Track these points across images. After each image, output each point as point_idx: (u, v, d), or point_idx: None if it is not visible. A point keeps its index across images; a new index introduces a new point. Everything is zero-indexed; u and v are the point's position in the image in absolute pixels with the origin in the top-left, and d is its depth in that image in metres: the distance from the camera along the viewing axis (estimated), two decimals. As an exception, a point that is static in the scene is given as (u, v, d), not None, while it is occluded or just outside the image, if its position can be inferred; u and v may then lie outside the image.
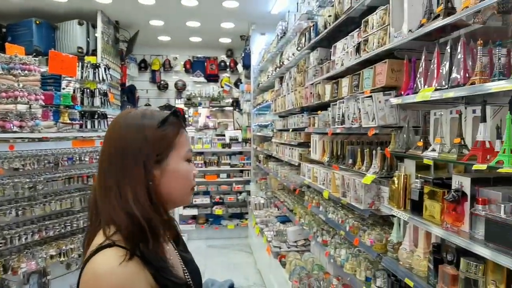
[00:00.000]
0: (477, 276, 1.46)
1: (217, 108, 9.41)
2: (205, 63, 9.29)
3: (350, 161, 2.71)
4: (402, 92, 2.09)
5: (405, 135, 2.04)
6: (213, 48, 9.12)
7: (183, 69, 9.17)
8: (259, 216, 5.29)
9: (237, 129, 8.53)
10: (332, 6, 3.02)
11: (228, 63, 9.39)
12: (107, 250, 0.88)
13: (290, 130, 4.35)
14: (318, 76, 3.43)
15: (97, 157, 4.24)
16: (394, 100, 2.03)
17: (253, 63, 7.29)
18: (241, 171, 7.31)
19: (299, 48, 4.03)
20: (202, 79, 9.29)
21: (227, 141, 7.29)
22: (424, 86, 1.89)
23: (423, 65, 1.93)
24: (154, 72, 8.93)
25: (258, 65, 7.11)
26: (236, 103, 9.15)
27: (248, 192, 7.18)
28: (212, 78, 9.33)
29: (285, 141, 4.63)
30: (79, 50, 5.74)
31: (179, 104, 9.05)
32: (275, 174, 5.20)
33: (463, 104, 1.83)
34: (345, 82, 2.76)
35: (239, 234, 6.96)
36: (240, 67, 7.82)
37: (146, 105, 8.71)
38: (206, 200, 7.12)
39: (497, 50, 1.42)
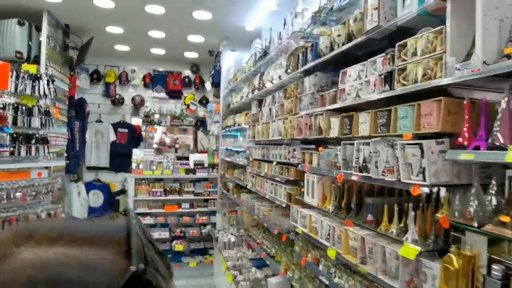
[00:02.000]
0: None
1: (178, 127, 8.64)
2: (167, 78, 8.52)
3: (370, 217, 2.14)
4: (465, 143, 1.57)
5: (474, 201, 1.50)
6: (177, 62, 8.39)
7: (142, 83, 8.33)
8: (230, 258, 4.58)
9: (202, 152, 7.80)
10: (344, 24, 2.50)
11: (193, 80, 8.69)
12: None
13: (274, 163, 3.74)
14: (317, 105, 2.88)
15: (34, 192, 3.35)
16: (464, 155, 1.49)
17: (223, 81, 6.66)
18: (206, 200, 6.56)
19: (288, 71, 3.48)
20: (163, 95, 8.49)
21: (191, 166, 6.53)
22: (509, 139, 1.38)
23: (505, 111, 1.42)
24: (109, 84, 7.99)
25: (228, 83, 6.50)
26: (200, 123, 8.44)
27: (214, 225, 6.43)
28: (174, 94, 8.57)
29: (266, 174, 4.01)
30: (18, 55, 4.77)
31: (136, 121, 8.15)
32: (250, 210, 4.54)
33: None
34: (364, 117, 2.21)
35: (202, 273, 6.15)
36: (208, 85, 7.16)
37: (97, 121, 7.72)
38: (164, 233, 6.26)
39: None
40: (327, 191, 2.74)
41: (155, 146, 8.09)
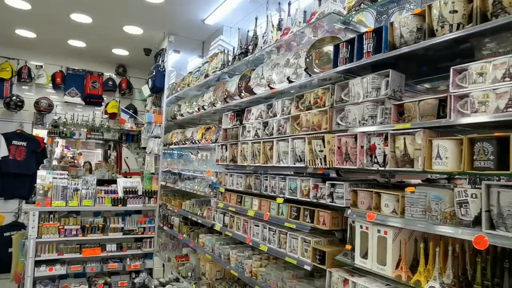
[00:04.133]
0: None
1: (97, 142, 6.89)
2: (85, 79, 6.80)
3: None
4: None
5: None
6: (101, 60, 6.75)
7: (51, 83, 6.45)
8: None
9: (128, 174, 6.19)
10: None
11: (118, 83, 7.08)
12: None
13: (280, 200, 2.61)
14: (390, 118, 1.88)
15: None
16: None
17: (167, 87, 5.32)
18: (140, 239, 5.02)
19: (315, 69, 2.44)
20: (78, 100, 6.72)
21: (120, 194, 4.96)
22: None
23: None
24: (2, 81, 5.96)
25: (172, 91, 5.17)
26: (125, 138, 6.84)
27: (149, 272, 4.92)
28: (93, 100, 6.87)
29: (259, 215, 2.84)
30: None
31: (40, 132, 6.20)
32: (221, 260, 3.30)
33: None
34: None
35: None
36: (146, 90, 5.69)
37: (-20, 129, 5.63)
38: (82, 287, 4.53)
39: None
40: (405, 252, 1.73)
41: (54, 163, 6.19)
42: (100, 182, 5.33)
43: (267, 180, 2.81)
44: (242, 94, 3.31)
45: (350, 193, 2.04)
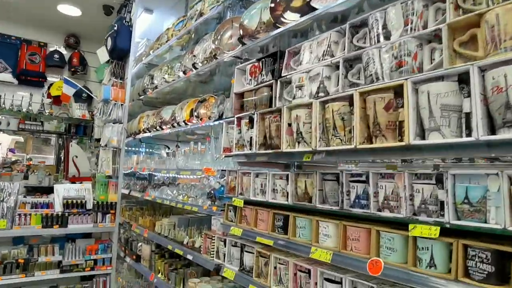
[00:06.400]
0: None
1: (36, 135, 5.07)
2: (19, 50, 4.97)
3: None
4: None
5: None
6: (43, 24, 4.96)
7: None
8: None
9: (77, 179, 4.41)
10: None
11: (68, 58, 5.28)
12: None
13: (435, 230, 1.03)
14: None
15: None
16: None
17: (134, 51, 3.64)
18: (89, 278, 3.28)
19: None
20: (8, 77, 4.86)
21: (58, 208, 3.21)
22: None
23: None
24: None
25: (142, 57, 3.50)
26: (75, 129, 5.05)
27: (103, 331, 3.17)
28: (31, 78, 5.04)
29: (350, 264, 1.24)
30: None
31: None
32: None
33: None
34: None
35: None
36: (103, 54, 3.96)
37: None
38: None
39: None
40: None
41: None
42: (29, 190, 3.55)
43: (365, 182, 1.23)
44: (283, 19, 1.72)
45: None
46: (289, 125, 1.50)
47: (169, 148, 3.59)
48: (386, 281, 1.23)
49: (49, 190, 3.78)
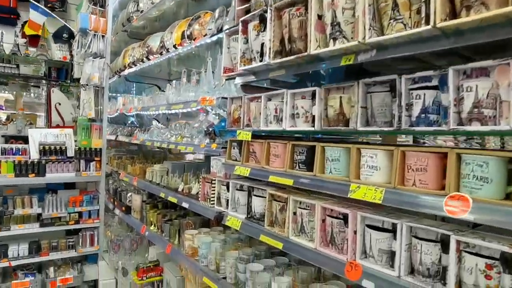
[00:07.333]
0: None
1: (11, 82, 4.58)
2: (-16, -21, 4.35)
3: None
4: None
5: None
6: None
7: None
8: None
9: (61, 126, 3.99)
10: None
11: (43, -10, 4.65)
12: None
13: None
14: None
15: None
16: None
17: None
18: (74, 232, 2.97)
19: None
20: (-27, 12, 4.28)
21: (33, 155, 2.82)
22: None
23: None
24: None
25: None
26: (56, 73, 4.55)
27: (93, 285, 2.91)
28: (0, 15, 4.46)
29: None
30: None
31: None
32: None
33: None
34: None
35: None
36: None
37: None
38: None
39: None
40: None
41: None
42: (7, 140, 3.16)
43: (436, 89, 0.82)
44: None
45: None
46: (319, 17, 1.07)
47: (160, 89, 3.15)
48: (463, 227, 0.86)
49: (23, 139, 3.38)
